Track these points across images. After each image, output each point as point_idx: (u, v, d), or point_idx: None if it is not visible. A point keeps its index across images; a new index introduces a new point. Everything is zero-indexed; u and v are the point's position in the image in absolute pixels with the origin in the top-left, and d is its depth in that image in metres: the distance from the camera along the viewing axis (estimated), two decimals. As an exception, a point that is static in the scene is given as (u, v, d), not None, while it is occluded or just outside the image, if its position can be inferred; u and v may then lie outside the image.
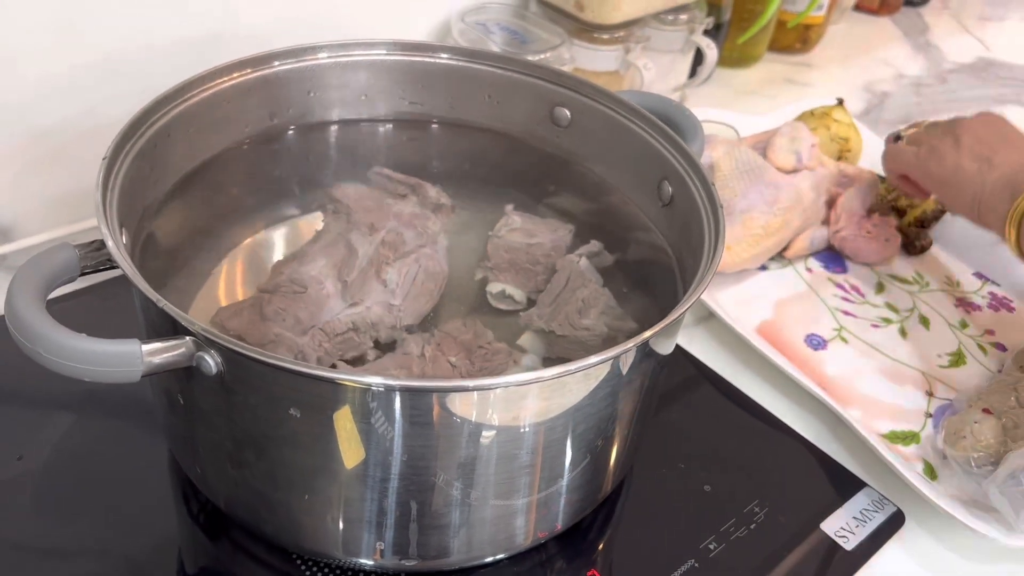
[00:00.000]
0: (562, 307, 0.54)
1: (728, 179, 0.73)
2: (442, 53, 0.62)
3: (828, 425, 0.63)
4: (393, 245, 0.55)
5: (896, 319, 0.73)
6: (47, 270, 0.42)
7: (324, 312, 0.51)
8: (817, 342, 0.70)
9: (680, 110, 0.60)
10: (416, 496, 0.44)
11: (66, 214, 0.71)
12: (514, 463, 0.44)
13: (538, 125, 0.64)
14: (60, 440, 0.55)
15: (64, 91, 0.67)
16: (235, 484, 0.47)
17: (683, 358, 0.66)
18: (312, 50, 0.60)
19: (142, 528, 0.51)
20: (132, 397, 0.57)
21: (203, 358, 0.39)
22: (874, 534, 0.55)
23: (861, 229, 0.77)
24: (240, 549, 0.50)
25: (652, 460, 0.57)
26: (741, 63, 1.12)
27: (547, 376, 0.40)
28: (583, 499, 0.50)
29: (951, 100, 1.13)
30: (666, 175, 0.56)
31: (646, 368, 0.46)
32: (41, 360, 0.38)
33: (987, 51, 1.28)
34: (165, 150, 0.53)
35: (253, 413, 0.42)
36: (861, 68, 1.19)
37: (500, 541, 0.48)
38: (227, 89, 0.56)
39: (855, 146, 0.86)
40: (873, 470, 0.59)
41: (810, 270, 0.77)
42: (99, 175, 0.45)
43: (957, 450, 0.57)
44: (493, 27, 0.84)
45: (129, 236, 0.48)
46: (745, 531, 0.54)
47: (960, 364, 0.69)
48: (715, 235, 0.49)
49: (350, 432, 0.41)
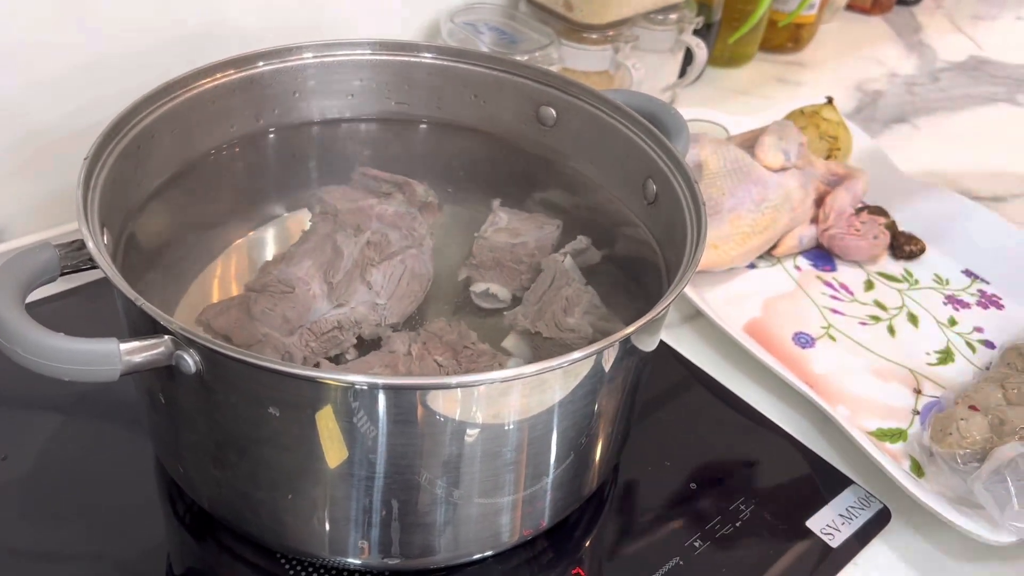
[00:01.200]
0: (547, 306, 0.54)
1: (716, 177, 0.73)
2: (427, 53, 0.62)
3: (815, 423, 0.63)
4: (378, 246, 0.55)
5: (885, 317, 0.73)
6: (27, 270, 0.42)
7: (311, 312, 0.51)
8: (805, 340, 0.70)
9: (665, 108, 0.60)
10: (400, 495, 0.44)
11: (56, 216, 0.71)
12: (498, 460, 0.44)
13: (524, 124, 0.64)
14: (46, 442, 0.55)
15: (53, 92, 0.67)
16: (218, 484, 0.47)
17: (670, 356, 0.66)
18: (297, 50, 0.60)
19: (127, 529, 0.51)
20: (118, 400, 0.57)
21: (182, 357, 0.39)
22: (860, 531, 0.55)
23: (850, 227, 0.77)
24: (226, 550, 0.50)
25: (638, 458, 0.57)
26: (732, 63, 1.12)
27: (529, 373, 0.40)
28: (568, 497, 0.50)
29: (943, 99, 1.14)
30: (651, 173, 0.56)
31: (629, 365, 0.46)
32: (19, 359, 0.38)
33: (979, 50, 1.28)
34: (149, 150, 0.53)
35: (233, 412, 0.42)
36: (853, 67, 1.19)
37: (486, 539, 0.48)
38: (211, 90, 0.56)
39: (844, 144, 0.86)
40: (860, 468, 0.59)
41: (799, 268, 0.77)
42: (80, 174, 0.45)
43: (943, 447, 0.57)
44: (482, 27, 0.84)
45: (112, 236, 0.48)
46: (731, 528, 0.54)
47: (948, 362, 0.69)
48: (697, 232, 0.49)
49: (332, 431, 0.41)
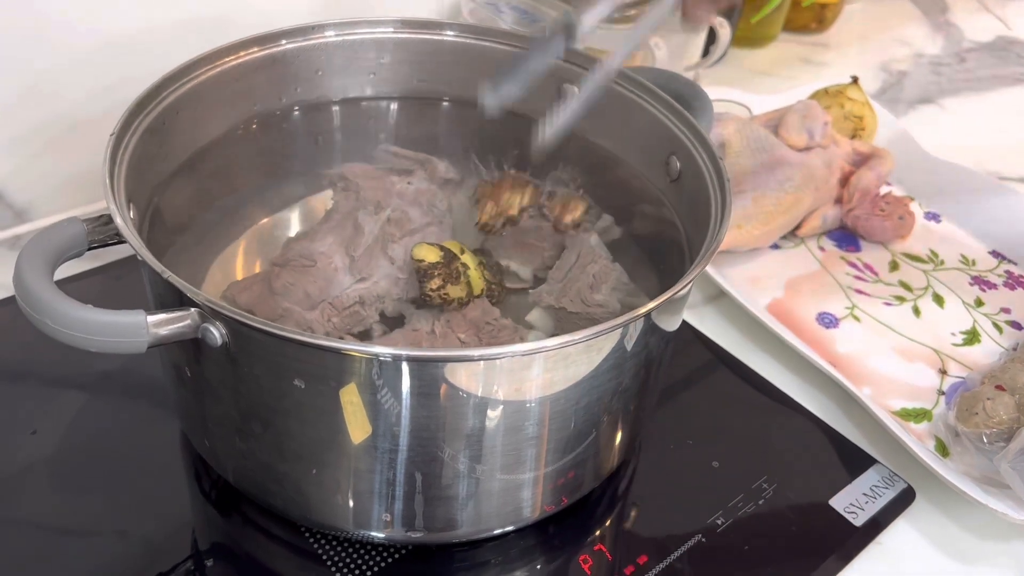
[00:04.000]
0: (572, 283, 0.54)
1: (739, 156, 0.73)
2: (449, 31, 0.62)
3: (839, 403, 0.63)
4: (399, 223, 0.55)
5: (910, 297, 0.73)
6: (55, 243, 0.42)
7: (332, 287, 0.51)
8: (829, 320, 0.69)
9: (689, 85, 0.59)
10: (423, 467, 0.44)
11: (81, 196, 0.72)
12: (520, 435, 0.44)
13: (547, 102, 0.63)
14: (74, 417, 0.56)
15: (78, 73, 0.68)
16: (243, 457, 0.47)
17: (693, 336, 0.66)
18: (319, 28, 0.60)
19: (154, 504, 0.51)
20: (146, 378, 0.58)
21: (208, 329, 0.39)
22: (884, 510, 0.55)
23: (875, 207, 0.76)
24: (250, 523, 0.51)
25: (660, 436, 0.57)
26: (756, 43, 1.11)
27: (551, 346, 0.40)
28: (589, 473, 0.51)
29: (969, 79, 1.12)
30: (674, 150, 0.56)
31: (651, 342, 0.46)
32: (48, 331, 0.38)
33: (1008, 30, 1.26)
34: (174, 127, 0.53)
35: (258, 384, 0.42)
36: (878, 48, 1.17)
37: (507, 514, 0.48)
38: (234, 68, 0.57)
39: (869, 124, 0.85)
40: (884, 447, 0.59)
41: (823, 249, 0.77)
42: (107, 150, 0.46)
43: (969, 426, 0.57)
44: (503, 6, 0.84)
45: (138, 212, 0.49)
46: (753, 507, 0.54)
47: (974, 342, 0.69)
48: (721, 208, 0.49)
49: (355, 403, 0.41)
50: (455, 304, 0.50)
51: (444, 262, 0.50)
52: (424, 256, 0.51)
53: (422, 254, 0.51)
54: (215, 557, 0.49)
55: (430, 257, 0.51)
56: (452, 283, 0.50)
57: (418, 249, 0.51)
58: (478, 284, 0.52)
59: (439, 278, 0.50)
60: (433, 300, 0.50)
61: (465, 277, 0.51)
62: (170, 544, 0.50)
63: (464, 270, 0.51)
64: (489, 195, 0.59)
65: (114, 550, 0.49)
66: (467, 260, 0.52)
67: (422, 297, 0.51)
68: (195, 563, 0.49)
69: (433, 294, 0.50)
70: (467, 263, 0.52)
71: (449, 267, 0.50)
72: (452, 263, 0.51)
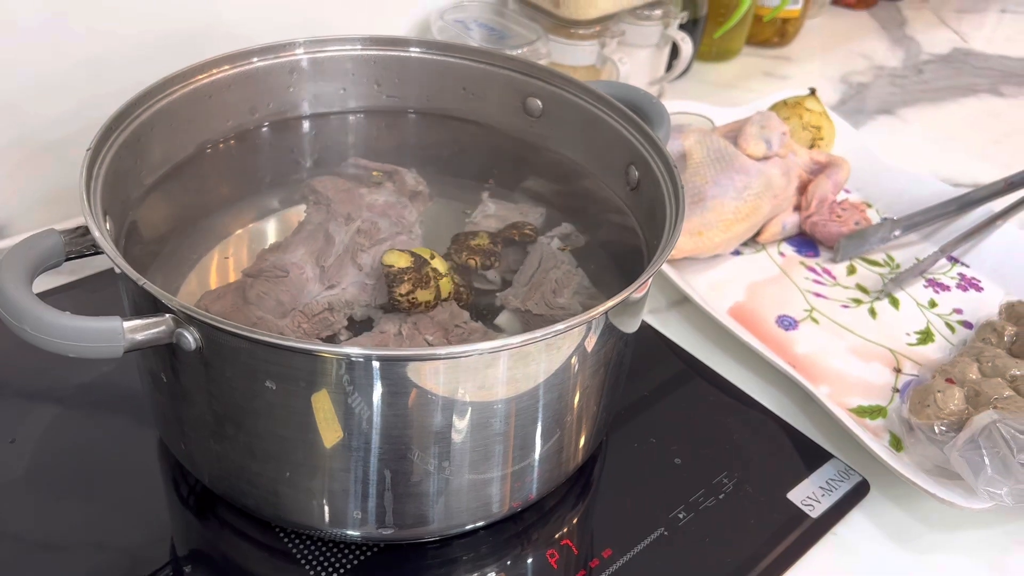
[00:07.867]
0: (537, 288, 0.56)
1: (699, 167, 0.75)
2: (416, 47, 0.64)
3: (798, 402, 0.65)
4: (368, 234, 0.57)
5: (866, 300, 0.75)
6: (33, 254, 0.44)
7: (304, 295, 0.53)
8: (788, 323, 0.72)
9: (647, 98, 0.62)
10: (393, 465, 0.46)
11: (59, 212, 0.73)
12: (486, 432, 0.46)
13: (512, 115, 0.66)
14: (53, 426, 0.57)
15: (55, 90, 0.69)
16: (218, 459, 0.49)
17: (658, 340, 0.68)
18: (289, 46, 0.62)
19: (132, 511, 0.53)
20: (123, 388, 0.59)
21: (183, 334, 0.41)
22: (839, 503, 0.57)
23: (832, 214, 0.79)
24: (227, 526, 0.52)
25: (625, 434, 0.59)
26: (720, 57, 1.14)
27: (514, 344, 0.42)
28: (555, 470, 0.52)
29: (926, 90, 1.16)
30: (633, 160, 0.58)
31: (611, 342, 0.48)
32: (28, 337, 0.40)
33: (963, 43, 1.30)
34: (149, 143, 0.55)
35: (231, 387, 0.44)
36: (839, 60, 1.21)
37: (476, 509, 0.50)
38: (207, 85, 0.59)
39: (827, 134, 0.88)
40: (840, 443, 0.61)
41: (783, 254, 0.79)
42: (83, 164, 0.47)
43: (922, 418, 0.59)
44: (472, 24, 0.86)
45: (115, 225, 0.50)
46: (713, 501, 0.56)
47: (928, 342, 0.71)
48: (676, 213, 0.51)
49: (325, 404, 0.43)
50: (423, 308, 0.52)
51: (414, 267, 0.52)
52: (394, 262, 0.53)
53: (392, 260, 0.53)
54: (193, 562, 0.50)
55: (400, 263, 0.52)
56: (422, 288, 0.52)
57: (388, 255, 0.53)
58: (447, 289, 0.53)
59: (409, 283, 0.52)
60: (402, 304, 0.52)
61: (435, 282, 0.52)
62: (149, 551, 0.51)
63: (435, 275, 0.53)
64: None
65: (93, 558, 0.50)
66: (437, 265, 0.54)
67: (391, 302, 0.52)
68: (173, 569, 0.50)
69: (402, 299, 0.52)
70: (438, 268, 0.54)
71: (420, 272, 0.52)
72: (423, 268, 0.52)
